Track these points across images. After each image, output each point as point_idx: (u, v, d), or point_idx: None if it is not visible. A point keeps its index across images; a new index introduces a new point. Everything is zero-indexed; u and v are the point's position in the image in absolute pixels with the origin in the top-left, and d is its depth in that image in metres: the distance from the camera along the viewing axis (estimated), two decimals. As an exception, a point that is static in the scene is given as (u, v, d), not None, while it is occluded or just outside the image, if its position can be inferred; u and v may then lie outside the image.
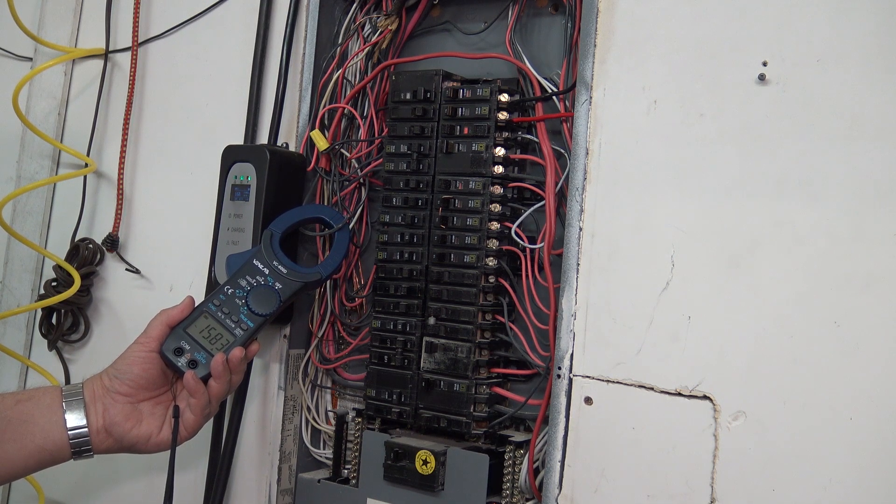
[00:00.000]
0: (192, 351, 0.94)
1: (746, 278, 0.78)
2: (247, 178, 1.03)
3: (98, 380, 0.94)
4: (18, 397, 0.92)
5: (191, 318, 0.95)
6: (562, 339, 0.86)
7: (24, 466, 0.90)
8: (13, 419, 0.90)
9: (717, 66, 0.81)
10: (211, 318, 0.95)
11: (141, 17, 1.23)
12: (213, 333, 0.94)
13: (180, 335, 0.94)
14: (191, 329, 0.95)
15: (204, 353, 0.94)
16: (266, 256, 0.96)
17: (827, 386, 0.74)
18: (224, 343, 0.94)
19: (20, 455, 0.89)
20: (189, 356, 0.93)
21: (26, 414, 0.90)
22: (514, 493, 0.91)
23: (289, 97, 1.08)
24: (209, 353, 0.94)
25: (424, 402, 0.95)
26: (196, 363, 0.93)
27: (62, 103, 1.31)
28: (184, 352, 0.94)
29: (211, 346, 0.94)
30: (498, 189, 0.93)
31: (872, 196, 0.74)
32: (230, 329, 0.94)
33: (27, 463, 0.90)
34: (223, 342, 0.94)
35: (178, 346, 0.94)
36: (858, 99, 0.75)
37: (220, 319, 0.95)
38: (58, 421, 0.90)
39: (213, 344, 0.94)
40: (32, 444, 0.89)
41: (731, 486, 0.77)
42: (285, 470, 1.05)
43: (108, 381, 0.94)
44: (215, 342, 0.94)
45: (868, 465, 0.72)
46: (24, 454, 0.89)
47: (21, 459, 0.89)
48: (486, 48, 1.01)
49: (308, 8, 1.07)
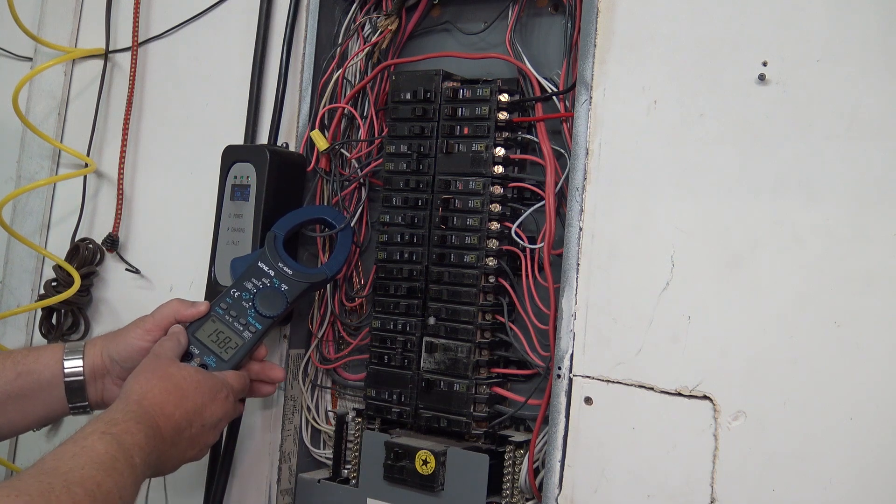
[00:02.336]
0: (201, 355, 0.94)
1: (746, 278, 0.78)
2: (247, 178, 1.03)
3: (98, 356, 0.94)
4: (19, 369, 0.94)
5: (198, 322, 0.95)
6: (562, 339, 0.86)
7: (27, 428, 0.97)
8: (13, 394, 0.92)
9: (717, 66, 0.81)
10: (219, 322, 0.95)
11: (141, 17, 1.23)
12: (221, 337, 0.94)
13: (189, 340, 0.94)
14: (199, 333, 0.95)
15: (213, 357, 0.94)
16: (271, 258, 0.97)
17: (827, 386, 0.74)
18: (233, 346, 0.94)
19: (24, 422, 0.95)
20: (199, 360, 0.93)
21: (27, 389, 0.93)
22: (514, 493, 0.91)
23: (289, 97, 1.08)
24: (219, 356, 0.94)
25: (424, 402, 0.95)
26: (206, 367, 0.93)
27: (62, 103, 1.31)
28: (193, 356, 0.94)
29: (220, 349, 0.94)
30: (498, 189, 0.93)
31: (872, 196, 0.74)
32: (238, 332, 0.94)
33: (31, 426, 0.97)
34: (232, 345, 0.94)
35: (188, 351, 0.94)
36: (858, 99, 0.75)
37: (228, 323, 0.95)
38: (60, 396, 0.94)
39: (221, 347, 0.94)
40: (34, 415, 0.95)
41: (731, 486, 0.77)
42: (285, 470, 1.05)
43: (107, 362, 0.94)
44: (224, 345, 0.94)
45: (868, 465, 0.72)
46: (27, 423, 0.96)
47: (24, 426, 0.96)
48: (486, 48, 1.01)
49: (308, 8, 1.07)
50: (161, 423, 0.83)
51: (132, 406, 0.83)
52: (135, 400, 0.84)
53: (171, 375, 0.87)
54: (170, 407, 0.85)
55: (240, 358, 0.94)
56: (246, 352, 0.95)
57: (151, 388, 0.85)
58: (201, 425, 0.87)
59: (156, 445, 0.82)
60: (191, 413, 0.86)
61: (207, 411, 0.88)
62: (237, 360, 0.94)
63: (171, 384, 0.86)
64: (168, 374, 0.87)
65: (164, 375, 0.87)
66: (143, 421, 0.81)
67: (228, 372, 0.93)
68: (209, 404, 0.88)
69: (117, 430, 0.78)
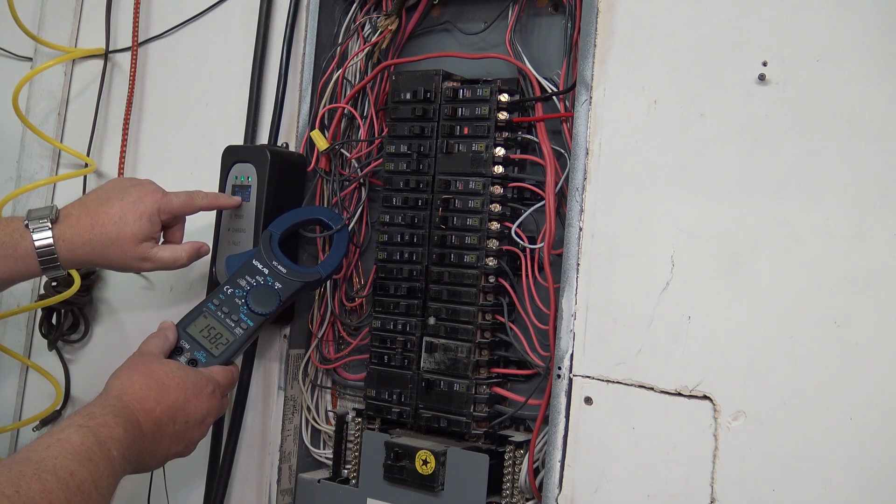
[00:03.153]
0: (191, 350, 0.94)
1: (746, 278, 0.78)
2: (247, 178, 1.03)
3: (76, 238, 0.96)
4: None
5: (190, 317, 0.96)
6: (562, 339, 0.86)
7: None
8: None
9: (717, 66, 0.81)
10: (211, 318, 0.95)
11: (141, 17, 1.23)
12: (212, 333, 0.95)
13: (180, 335, 0.94)
14: (190, 328, 0.95)
15: (204, 353, 0.94)
16: (265, 257, 0.97)
17: (827, 386, 0.74)
18: (224, 342, 0.94)
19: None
20: (189, 355, 0.94)
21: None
22: (514, 493, 0.91)
23: (289, 97, 1.08)
24: (209, 352, 0.94)
25: (424, 402, 0.95)
26: (196, 362, 0.94)
27: (62, 103, 1.31)
28: (183, 351, 0.94)
29: (211, 345, 0.94)
30: (498, 189, 0.93)
31: (872, 196, 0.74)
32: (230, 328, 0.95)
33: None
34: (223, 341, 0.94)
35: (178, 346, 0.94)
36: (858, 99, 0.75)
37: (220, 319, 0.95)
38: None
39: (212, 343, 0.94)
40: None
41: (731, 486, 0.77)
42: (285, 470, 1.05)
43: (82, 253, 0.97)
44: (215, 341, 0.94)
45: (868, 465, 0.72)
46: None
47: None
48: (486, 48, 1.01)
49: (308, 8, 1.07)
50: (141, 419, 0.83)
51: (111, 401, 0.82)
52: (114, 395, 0.84)
53: (153, 371, 0.87)
54: (150, 402, 0.84)
55: (230, 354, 0.95)
56: (237, 348, 0.95)
57: (132, 384, 0.85)
58: (185, 421, 0.87)
59: (135, 440, 0.81)
60: (173, 409, 0.86)
61: (191, 407, 0.88)
62: (227, 357, 0.95)
63: (152, 380, 0.86)
64: (150, 370, 0.87)
65: (146, 371, 0.87)
66: (121, 415, 0.81)
67: (215, 367, 0.93)
68: (193, 400, 0.88)
69: (94, 424, 0.78)
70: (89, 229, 0.96)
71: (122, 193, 0.98)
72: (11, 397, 1.30)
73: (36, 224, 0.95)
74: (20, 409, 1.30)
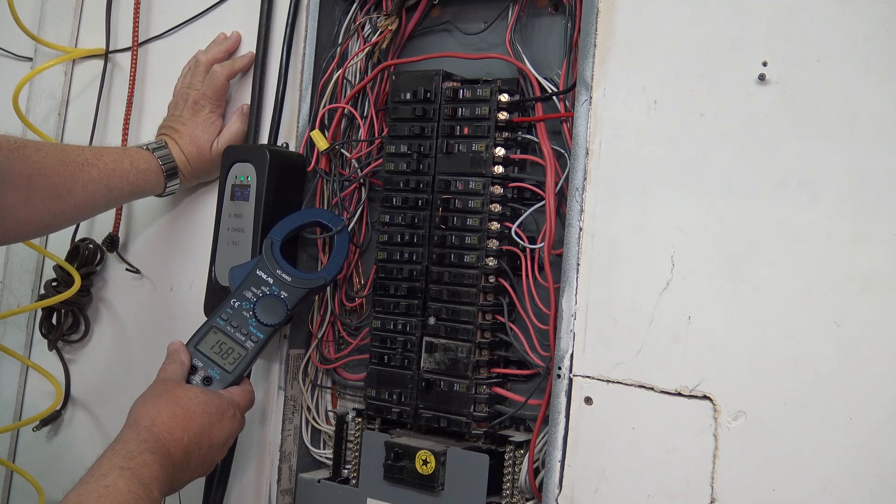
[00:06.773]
0: (205, 367, 0.94)
1: (746, 278, 0.78)
2: (247, 178, 1.03)
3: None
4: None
5: (200, 334, 0.95)
6: (562, 339, 0.86)
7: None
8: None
9: (717, 66, 0.81)
10: (220, 333, 0.95)
11: (141, 17, 1.23)
12: (224, 348, 0.95)
13: (192, 353, 0.94)
14: (201, 346, 0.95)
15: (217, 369, 0.94)
16: (269, 266, 0.96)
17: (827, 386, 0.74)
18: (237, 357, 0.94)
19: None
20: (203, 373, 0.94)
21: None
22: (514, 493, 0.91)
23: (289, 97, 1.08)
24: (223, 368, 0.94)
25: (424, 402, 0.95)
26: (210, 380, 0.94)
27: (62, 103, 1.31)
28: (197, 370, 0.94)
29: (223, 360, 0.94)
30: (498, 189, 0.93)
31: (872, 196, 0.74)
32: (240, 342, 0.95)
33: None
34: (235, 356, 0.94)
35: (192, 365, 0.94)
36: (858, 99, 0.75)
37: (230, 333, 0.95)
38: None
39: (225, 359, 0.94)
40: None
41: (731, 486, 0.77)
42: (285, 470, 1.05)
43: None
44: (227, 356, 0.94)
45: (868, 465, 0.72)
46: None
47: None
48: (486, 48, 1.01)
49: (308, 8, 1.07)
50: (172, 449, 0.85)
51: (143, 434, 0.84)
52: (145, 427, 0.85)
53: (179, 398, 0.88)
54: (179, 431, 0.86)
55: (244, 368, 0.95)
56: (249, 362, 0.95)
57: (160, 413, 0.86)
58: (209, 445, 0.89)
59: (169, 473, 0.83)
60: (198, 435, 0.87)
61: (215, 432, 0.89)
62: (241, 371, 0.95)
63: (178, 408, 0.87)
64: (175, 398, 0.88)
65: (172, 399, 0.88)
66: (156, 451, 0.83)
67: (234, 389, 0.94)
68: (216, 424, 0.89)
69: (135, 465, 0.80)
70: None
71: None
72: (11, 397, 1.30)
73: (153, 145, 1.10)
74: (20, 409, 1.30)
